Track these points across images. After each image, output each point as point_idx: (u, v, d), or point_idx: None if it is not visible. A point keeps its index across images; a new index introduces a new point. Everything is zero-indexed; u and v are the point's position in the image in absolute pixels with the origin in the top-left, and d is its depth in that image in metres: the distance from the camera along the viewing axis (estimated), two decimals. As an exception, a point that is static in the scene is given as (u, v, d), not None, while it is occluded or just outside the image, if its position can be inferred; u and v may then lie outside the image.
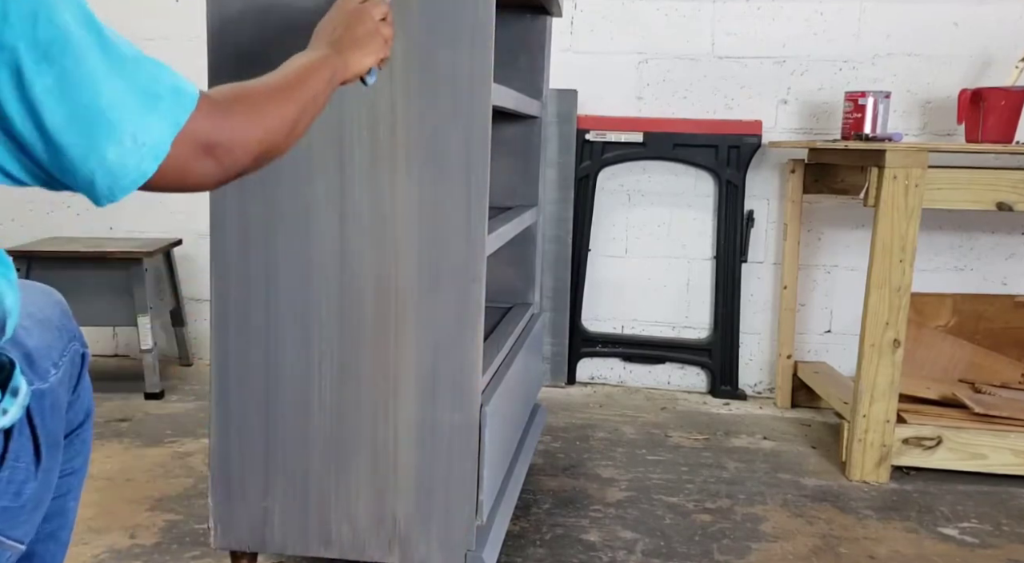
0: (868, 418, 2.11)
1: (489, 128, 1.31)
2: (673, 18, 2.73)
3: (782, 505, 1.98)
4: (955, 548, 1.80)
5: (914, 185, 2.02)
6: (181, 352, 2.96)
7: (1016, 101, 2.28)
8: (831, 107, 2.70)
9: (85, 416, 1.11)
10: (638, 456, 2.25)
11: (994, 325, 2.62)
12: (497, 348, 1.61)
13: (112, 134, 0.71)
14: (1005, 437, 2.11)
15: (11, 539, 0.84)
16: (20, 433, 0.84)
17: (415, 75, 1.30)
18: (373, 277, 1.36)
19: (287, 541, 1.45)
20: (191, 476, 2.03)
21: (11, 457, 0.83)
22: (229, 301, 1.40)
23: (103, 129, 0.70)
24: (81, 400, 1.08)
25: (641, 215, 2.84)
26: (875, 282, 2.08)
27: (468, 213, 1.32)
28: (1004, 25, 2.61)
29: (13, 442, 0.83)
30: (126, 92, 0.72)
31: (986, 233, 2.71)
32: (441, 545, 1.40)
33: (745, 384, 2.85)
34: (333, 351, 1.38)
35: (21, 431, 0.85)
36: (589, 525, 1.84)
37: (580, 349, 2.87)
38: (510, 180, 2.03)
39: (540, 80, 2.01)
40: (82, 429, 1.11)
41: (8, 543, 0.84)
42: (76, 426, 1.09)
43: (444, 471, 1.38)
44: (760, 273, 2.82)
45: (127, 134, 0.71)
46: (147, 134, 0.72)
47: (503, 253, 2.03)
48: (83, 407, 1.10)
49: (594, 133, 2.75)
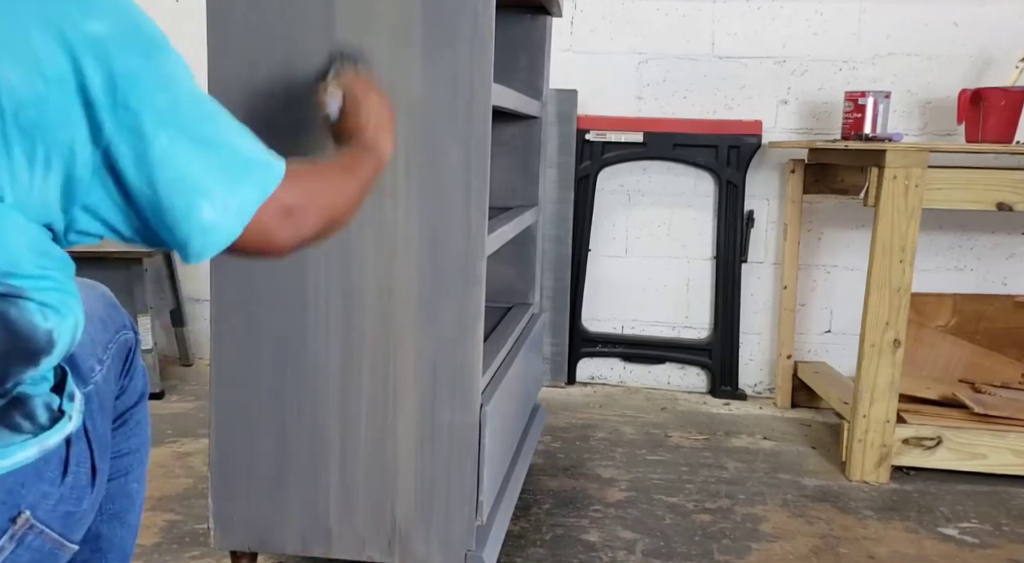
0: (868, 418, 2.11)
1: (489, 128, 1.31)
2: (673, 18, 2.73)
3: (782, 505, 1.98)
4: (955, 548, 1.80)
5: (914, 185, 2.02)
6: (181, 352, 2.96)
7: (1016, 101, 2.28)
8: (831, 107, 2.70)
9: (139, 397, 1.16)
10: (638, 456, 2.25)
11: (994, 325, 2.62)
12: (497, 348, 1.61)
13: (210, 198, 0.79)
14: (1005, 437, 2.11)
15: (71, 542, 0.87)
16: (79, 438, 0.87)
17: (415, 75, 1.30)
18: (373, 277, 1.36)
19: (287, 541, 1.45)
20: (191, 476, 2.03)
21: (73, 463, 0.85)
22: (229, 301, 1.40)
23: (204, 193, 0.78)
24: (134, 383, 1.14)
25: (641, 215, 2.84)
26: (875, 282, 2.08)
27: (468, 213, 1.32)
28: (1004, 25, 2.60)
29: (74, 447, 0.86)
30: (226, 161, 0.80)
31: (986, 233, 2.71)
32: (441, 545, 1.40)
33: (745, 384, 2.85)
34: (334, 351, 1.38)
35: (79, 437, 0.87)
36: (589, 525, 1.84)
37: (580, 349, 2.87)
38: (510, 180, 2.03)
39: (540, 80, 2.01)
40: (136, 409, 1.15)
41: (68, 546, 0.86)
42: (131, 406, 1.13)
43: (444, 471, 1.38)
44: (760, 273, 2.82)
45: (220, 198, 0.79)
46: (236, 199, 0.80)
47: (503, 253, 2.03)
48: (136, 389, 1.15)
49: (594, 133, 2.75)
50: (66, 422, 0.85)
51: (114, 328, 1.07)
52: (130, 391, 1.13)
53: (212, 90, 1.35)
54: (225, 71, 1.33)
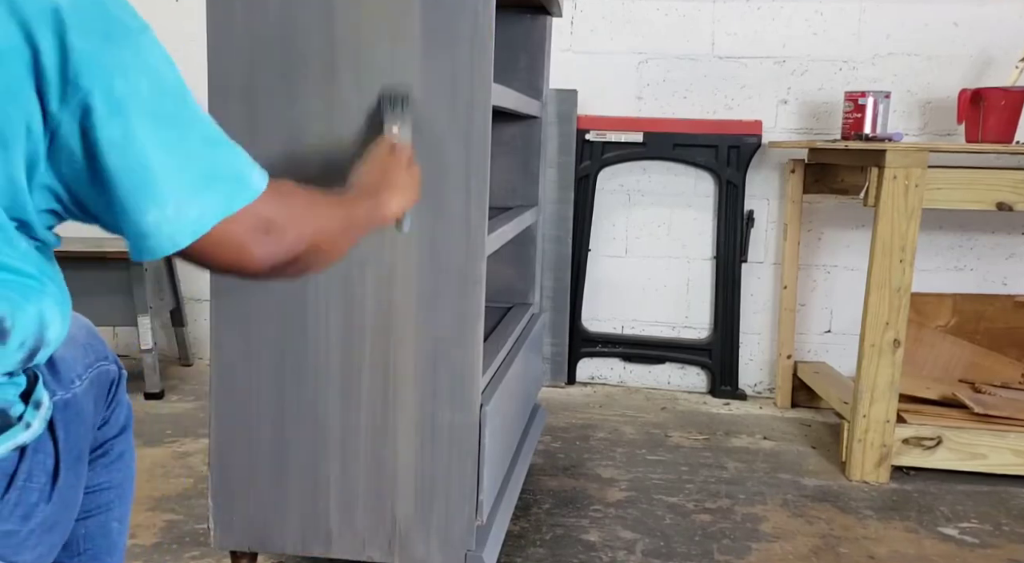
0: (868, 418, 2.11)
1: (489, 128, 1.31)
2: (673, 18, 2.73)
3: (782, 505, 1.98)
4: (955, 548, 1.80)
5: (914, 185, 2.02)
6: (181, 352, 2.96)
7: (1016, 101, 2.28)
8: (831, 107, 2.70)
9: (121, 429, 1.11)
10: (638, 456, 2.25)
11: (994, 325, 2.62)
12: (497, 348, 1.61)
13: (158, 200, 0.75)
14: (1005, 437, 2.11)
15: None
16: (37, 451, 0.82)
17: (415, 75, 1.30)
18: (373, 277, 1.36)
19: (287, 541, 1.45)
20: (191, 476, 2.03)
21: (22, 477, 0.80)
22: (229, 301, 1.40)
23: (152, 193, 0.75)
24: (116, 415, 1.09)
25: (641, 215, 2.84)
26: (875, 282, 2.08)
27: (468, 213, 1.32)
28: (1004, 25, 2.60)
29: (27, 461, 0.81)
30: (190, 167, 0.77)
31: (986, 233, 2.71)
32: (441, 545, 1.40)
33: (745, 384, 2.85)
34: (334, 351, 1.38)
35: (39, 449, 0.82)
36: (589, 525, 1.84)
37: (580, 349, 2.87)
38: (510, 180, 2.03)
39: (540, 80, 2.01)
40: (118, 440, 1.10)
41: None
42: (112, 437, 1.09)
43: (444, 471, 1.38)
44: (760, 273, 2.82)
45: (172, 203, 0.76)
46: (195, 209, 0.77)
47: (503, 253, 2.03)
48: (118, 422, 1.10)
49: (594, 133, 2.75)
50: (19, 430, 0.79)
51: (93, 355, 1.03)
52: (112, 422, 1.09)
53: (212, 90, 1.35)
54: (225, 71, 1.33)
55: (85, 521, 1.06)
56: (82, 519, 1.04)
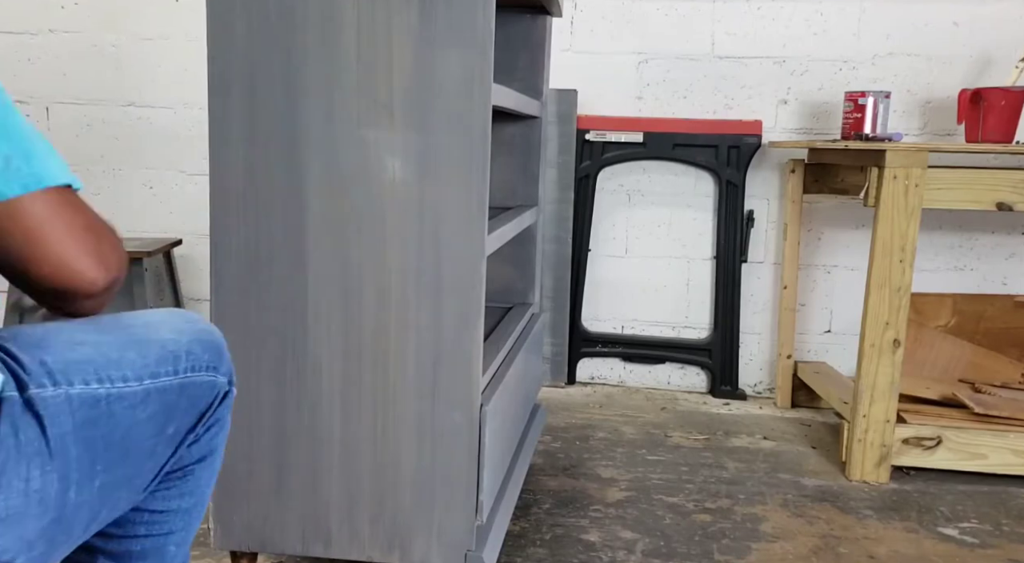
0: (868, 418, 2.11)
1: (489, 128, 1.31)
2: (673, 18, 2.73)
3: (782, 505, 1.98)
4: (955, 548, 1.80)
5: (914, 185, 2.02)
6: (181, 352, 2.95)
7: (1016, 101, 2.28)
8: (831, 107, 2.70)
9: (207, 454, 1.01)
10: (638, 456, 2.25)
11: (994, 325, 2.62)
12: (497, 348, 1.61)
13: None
14: (1005, 437, 2.11)
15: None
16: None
17: (415, 75, 1.30)
18: (373, 277, 1.36)
19: (287, 541, 1.45)
20: (191, 476, 2.03)
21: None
22: (229, 301, 1.40)
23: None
24: (211, 436, 0.99)
25: (641, 215, 2.84)
26: (875, 282, 2.08)
27: (468, 213, 1.32)
28: (1004, 25, 2.60)
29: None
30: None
31: (986, 233, 2.71)
32: (441, 545, 1.40)
33: (745, 384, 2.85)
34: (333, 351, 1.38)
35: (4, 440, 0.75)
36: (589, 525, 1.84)
37: (580, 349, 2.87)
38: (510, 180, 2.03)
39: (540, 80, 2.01)
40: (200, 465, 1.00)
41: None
42: (196, 460, 0.99)
43: (444, 471, 1.39)
44: (760, 273, 2.82)
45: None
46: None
47: (503, 253, 2.03)
48: (209, 445, 1.00)
49: (594, 133, 2.75)
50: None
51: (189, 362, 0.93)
52: (203, 442, 0.98)
53: (212, 90, 1.35)
54: (225, 71, 1.33)
55: (142, 539, 0.99)
56: (139, 536, 0.98)
